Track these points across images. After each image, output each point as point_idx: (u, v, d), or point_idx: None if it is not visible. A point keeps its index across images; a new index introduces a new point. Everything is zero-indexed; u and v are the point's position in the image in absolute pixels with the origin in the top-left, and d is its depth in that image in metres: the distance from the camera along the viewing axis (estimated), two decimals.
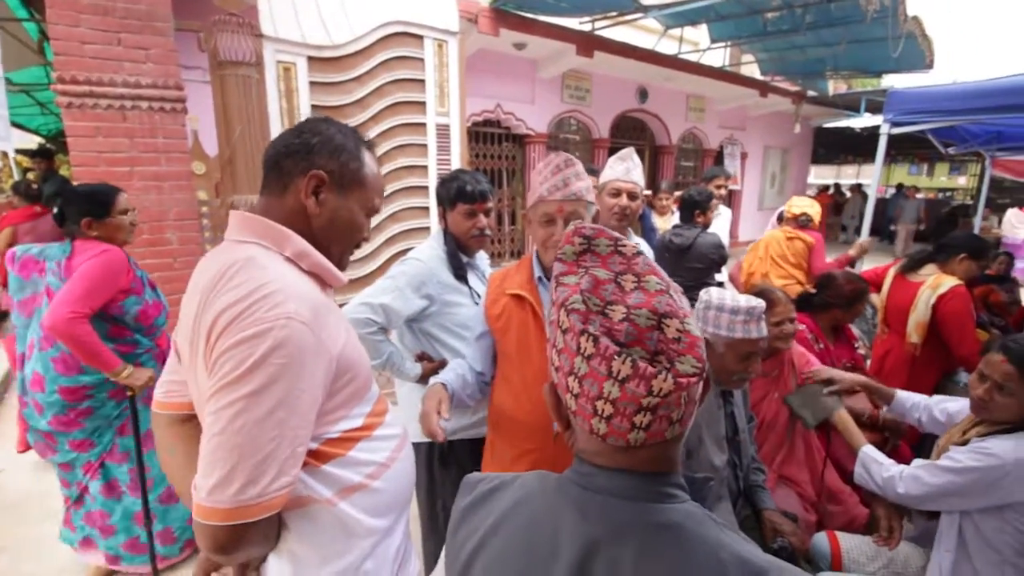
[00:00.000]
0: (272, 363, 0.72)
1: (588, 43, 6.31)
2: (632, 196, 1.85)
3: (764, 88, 8.94)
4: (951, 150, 4.28)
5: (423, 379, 1.62)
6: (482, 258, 1.84)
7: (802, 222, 3.32)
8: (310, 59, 2.90)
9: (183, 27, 2.71)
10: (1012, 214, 8.31)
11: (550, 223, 1.26)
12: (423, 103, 3.21)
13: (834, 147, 12.86)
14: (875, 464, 1.53)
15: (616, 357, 0.49)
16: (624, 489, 0.54)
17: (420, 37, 3.16)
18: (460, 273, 1.66)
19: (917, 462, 1.46)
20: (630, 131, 8.72)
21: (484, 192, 1.66)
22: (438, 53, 3.23)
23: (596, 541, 0.53)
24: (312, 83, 2.90)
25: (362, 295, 1.56)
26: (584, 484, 0.56)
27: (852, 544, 1.69)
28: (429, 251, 1.65)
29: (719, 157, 9.98)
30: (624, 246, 0.58)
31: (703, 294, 1.45)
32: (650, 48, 7.11)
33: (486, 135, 6.61)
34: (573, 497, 0.56)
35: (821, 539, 1.72)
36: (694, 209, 2.84)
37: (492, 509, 0.62)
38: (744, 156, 10.46)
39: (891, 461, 1.53)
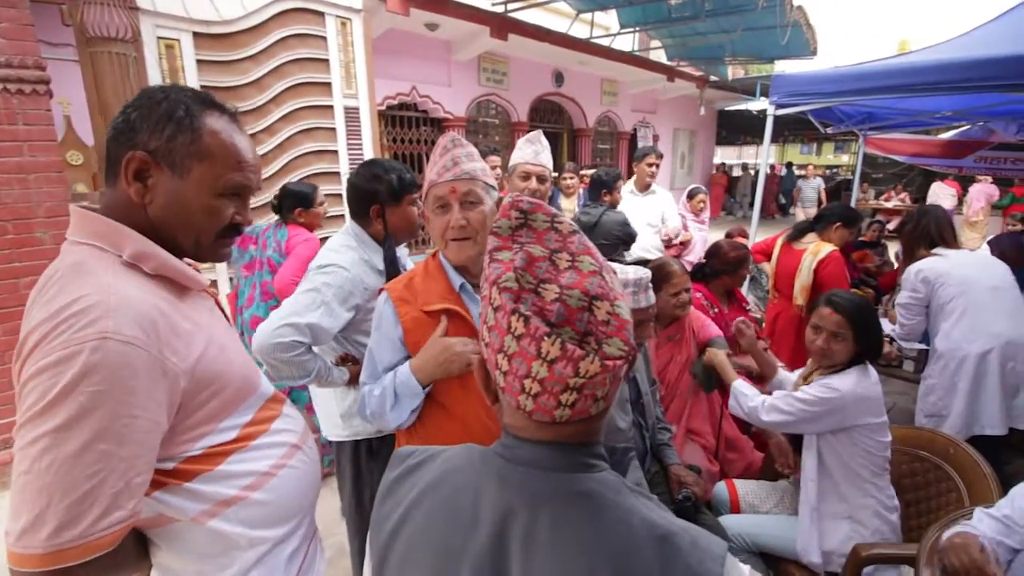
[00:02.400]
0: (83, 391, 0.64)
1: (502, 25, 6.28)
2: (541, 179, 1.85)
3: (671, 73, 9.37)
4: (829, 130, 4.73)
5: (350, 382, 1.52)
6: (401, 251, 1.71)
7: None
8: (196, 35, 2.68)
9: None
10: (936, 187, 9.01)
11: (444, 208, 1.13)
12: (328, 84, 3.07)
13: (735, 129, 13.77)
14: (743, 396, 1.71)
15: (546, 338, 0.49)
16: (544, 460, 0.55)
17: (321, 14, 3.02)
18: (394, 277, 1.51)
19: (777, 393, 1.65)
20: (548, 114, 8.84)
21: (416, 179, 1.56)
22: (341, 32, 3.09)
23: (514, 510, 0.54)
24: (200, 61, 2.69)
25: (282, 314, 1.35)
26: (507, 456, 0.57)
27: (747, 489, 1.88)
28: (350, 255, 1.48)
29: (633, 139, 10.38)
30: (560, 223, 0.58)
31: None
32: (563, 32, 7.21)
33: (402, 119, 6.44)
34: (496, 468, 0.57)
35: (721, 488, 1.89)
36: (601, 188, 2.96)
37: (417, 481, 0.62)
38: (656, 138, 10.94)
39: (756, 392, 1.71)
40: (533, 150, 1.86)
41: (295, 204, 2.42)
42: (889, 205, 9.01)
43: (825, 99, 3.31)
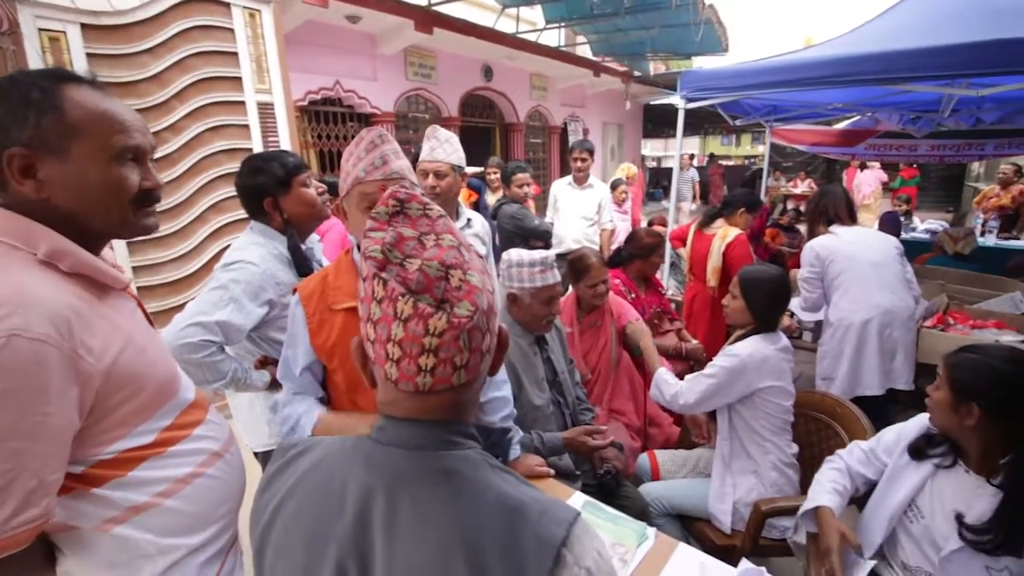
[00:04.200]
0: None
1: (426, 19, 6.21)
2: (439, 175, 1.82)
3: (597, 68, 9.62)
4: (738, 122, 5.04)
5: (272, 386, 1.47)
6: (314, 241, 1.67)
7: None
8: (85, 27, 2.48)
9: None
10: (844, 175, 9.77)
11: (372, 207, 1.09)
12: (239, 79, 2.94)
13: (660, 122, 14.34)
14: (664, 384, 1.83)
15: (400, 298, 0.53)
16: (409, 439, 0.57)
17: (227, 4, 2.87)
18: (305, 271, 1.47)
19: (688, 377, 1.78)
20: (479, 109, 8.84)
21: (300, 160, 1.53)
22: (250, 23, 2.96)
23: (376, 491, 0.56)
24: (91, 55, 2.49)
25: (187, 314, 1.30)
26: (377, 438, 0.59)
27: (666, 458, 2.00)
28: (258, 250, 1.43)
29: (564, 133, 10.58)
30: (431, 210, 0.62)
31: (504, 255, 1.59)
32: (490, 26, 7.23)
33: (327, 114, 6.23)
34: (365, 452, 0.59)
35: (644, 459, 2.01)
36: (504, 182, 3.06)
37: (294, 472, 0.63)
38: (586, 132, 11.21)
39: (675, 379, 1.83)
40: (429, 146, 1.85)
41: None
42: (797, 191, 9.74)
43: (730, 93, 3.53)
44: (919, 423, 1.33)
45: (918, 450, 1.27)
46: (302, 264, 1.47)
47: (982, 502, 1.12)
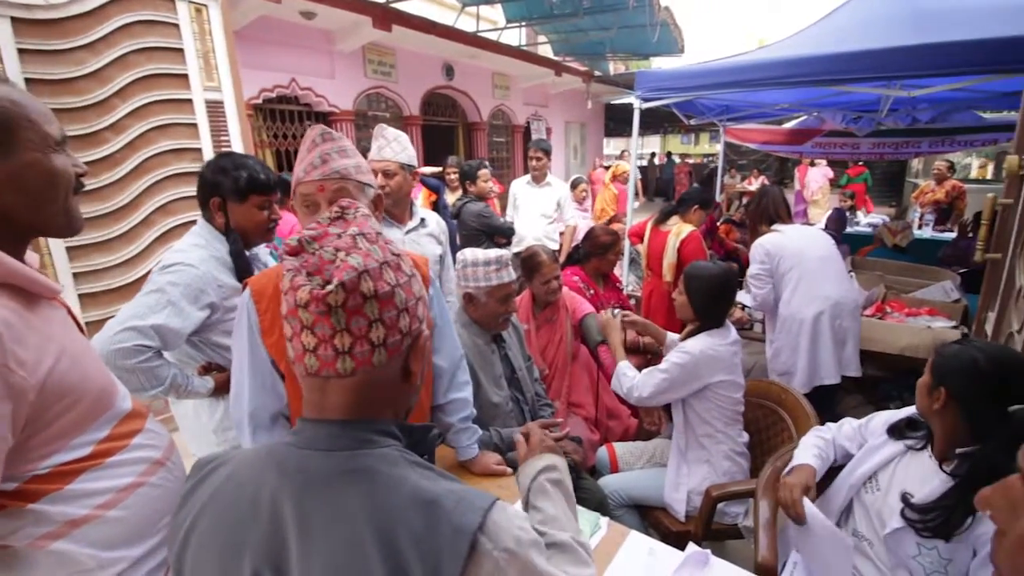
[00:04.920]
0: None
1: (384, 16, 6.13)
2: (387, 174, 1.80)
3: (558, 67, 9.70)
4: (693, 121, 5.20)
5: (216, 392, 1.44)
6: (261, 247, 1.63)
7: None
8: (16, 21, 2.35)
9: None
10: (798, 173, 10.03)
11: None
12: (185, 76, 2.83)
13: (621, 121, 14.60)
14: (624, 376, 1.88)
15: (286, 273, 0.56)
16: (323, 440, 0.58)
17: None
18: (246, 275, 1.43)
19: (645, 370, 1.83)
20: (442, 108, 8.79)
21: (275, 180, 1.50)
22: (197, 19, 2.86)
23: (288, 495, 0.55)
24: (23, 51, 2.36)
25: (120, 318, 1.25)
26: (292, 442, 0.59)
27: (624, 450, 2.06)
28: (199, 252, 1.40)
29: (527, 132, 10.64)
30: (360, 211, 0.65)
31: (459, 255, 1.60)
32: (450, 25, 7.20)
33: (282, 113, 6.07)
34: (279, 457, 0.59)
35: (602, 452, 2.06)
36: (464, 180, 3.07)
37: (209, 486, 0.62)
38: (549, 131, 11.30)
39: (635, 372, 1.88)
40: (376, 146, 1.83)
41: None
42: (751, 188, 10.08)
43: (683, 93, 3.64)
44: (910, 410, 1.38)
45: (897, 429, 1.33)
46: (244, 271, 1.44)
47: (932, 486, 1.16)
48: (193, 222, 1.52)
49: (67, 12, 2.45)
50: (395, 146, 1.82)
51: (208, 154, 2.91)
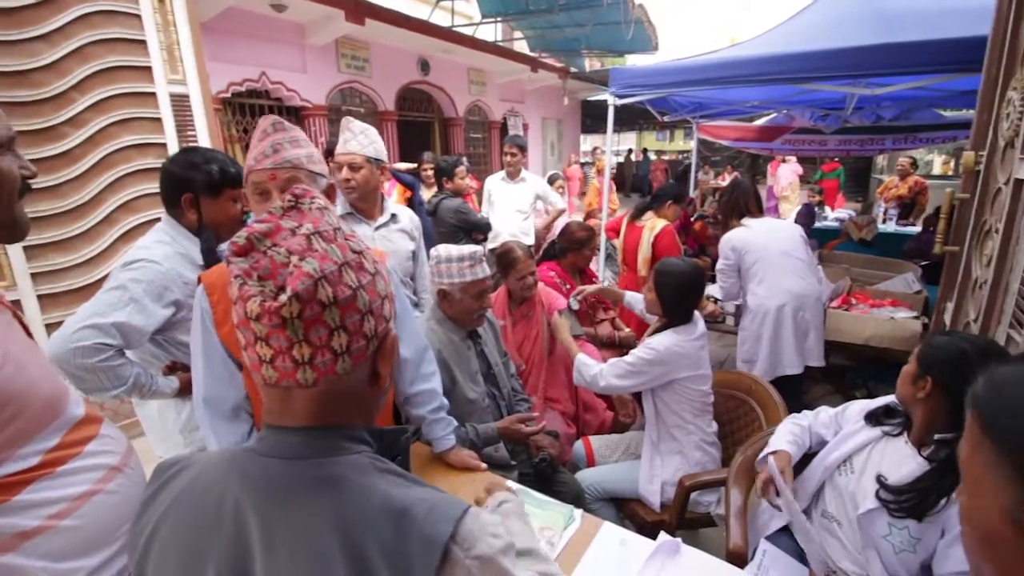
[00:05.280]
0: None
1: (357, 9, 6.03)
2: (353, 167, 1.78)
3: (535, 63, 9.70)
4: (666, 118, 5.26)
5: (182, 392, 1.40)
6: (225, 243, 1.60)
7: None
8: None
9: None
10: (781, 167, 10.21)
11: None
12: (148, 68, 2.74)
13: (598, 118, 14.69)
14: (585, 367, 1.90)
15: (234, 280, 0.52)
16: (288, 448, 0.55)
17: None
18: None
19: (610, 361, 1.86)
20: (417, 103, 8.71)
21: (243, 172, 1.49)
22: (160, 9, 2.77)
23: (251, 505, 0.53)
24: None
25: (80, 316, 1.21)
26: (256, 448, 0.57)
27: (600, 443, 2.08)
28: (163, 249, 1.36)
29: (504, 128, 10.62)
30: (316, 202, 0.60)
31: (432, 252, 1.59)
32: (424, 19, 7.13)
33: (252, 107, 5.93)
34: (242, 464, 0.56)
35: (579, 446, 2.07)
36: (441, 177, 3.04)
37: (169, 492, 0.60)
38: (526, 127, 11.30)
39: (595, 362, 1.91)
40: (343, 139, 1.80)
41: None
42: (724, 184, 10.26)
43: (656, 90, 3.68)
44: (888, 399, 1.41)
45: (875, 416, 1.37)
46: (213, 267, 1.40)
47: (908, 468, 1.21)
48: (158, 219, 1.47)
49: (21, 1, 2.35)
50: (362, 139, 1.79)
51: (174, 149, 2.83)
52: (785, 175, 8.65)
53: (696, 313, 1.84)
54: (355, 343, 0.55)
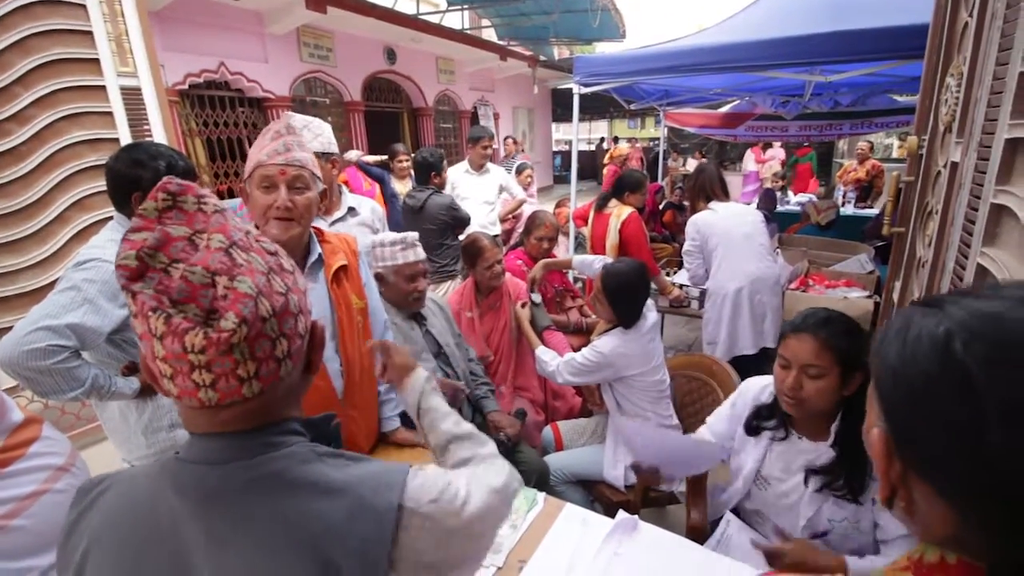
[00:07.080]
0: None
1: None
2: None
3: (503, 52, 9.64)
4: (633, 106, 5.31)
5: (142, 393, 1.37)
6: None
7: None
8: None
9: None
10: (748, 154, 10.24)
11: (271, 188, 1.17)
12: (96, 60, 2.64)
13: (568, 107, 14.67)
14: (543, 362, 1.97)
15: (152, 313, 0.47)
16: (215, 453, 0.54)
17: None
18: None
19: (566, 355, 1.92)
20: (385, 93, 8.58)
21: (192, 165, 1.48)
22: None
23: (189, 514, 0.52)
24: None
25: (32, 318, 1.18)
26: (184, 456, 0.55)
27: (568, 428, 2.13)
28: (117, 248, 1.34)
29: (474, 118, 10.55)
30: (206, 203, 0.55)
31: (371, 239, 1.63)
32: (389, 7, 7.00)
33: (212, 99, 5.75)
34: (172, 474, 0.55)
35: (547, 431, 2.12)
36: (429, 171, 2.99)
37: (98, 511, 0.58)
38: (497, 116, 11.25)
39: (553, 355, 1.97)
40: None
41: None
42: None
43: (620, 79, 3.71)
44: (753, 390, 1.45)
45: (752, 428, 1.39)
46: None
47: (823, 460, 1.24)
48: (111, 217, 1.44)
49: None
50: (306, 134, 1.75)
51: None
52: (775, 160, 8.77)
53: (649, 303, 1.87)
54: (294, 344, 0.55)
